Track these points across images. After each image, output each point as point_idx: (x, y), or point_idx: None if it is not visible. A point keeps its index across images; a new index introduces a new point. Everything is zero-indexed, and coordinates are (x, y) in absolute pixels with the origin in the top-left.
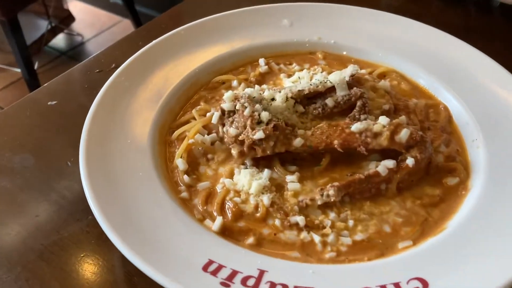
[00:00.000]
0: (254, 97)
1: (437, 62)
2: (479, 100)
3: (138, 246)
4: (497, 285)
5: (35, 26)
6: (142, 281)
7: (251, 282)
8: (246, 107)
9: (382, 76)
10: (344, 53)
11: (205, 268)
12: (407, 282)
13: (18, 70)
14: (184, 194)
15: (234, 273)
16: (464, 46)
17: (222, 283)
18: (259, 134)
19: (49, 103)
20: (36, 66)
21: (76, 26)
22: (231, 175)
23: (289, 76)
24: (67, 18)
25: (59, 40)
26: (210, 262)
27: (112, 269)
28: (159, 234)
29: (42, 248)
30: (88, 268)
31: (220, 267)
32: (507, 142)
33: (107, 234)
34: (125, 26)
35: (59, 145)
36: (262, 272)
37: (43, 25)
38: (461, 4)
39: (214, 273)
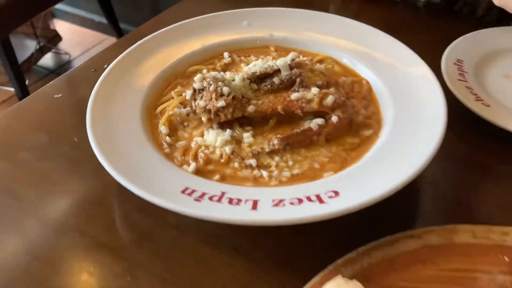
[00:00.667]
0: (218, 78)
1: (362, 49)
2: (391, 74)
3: (133, 180)
4: (387, 188)
5: (24, 47)
6: (139, 216)
7: (215, 198)
8: (211, 85)
9: (320, 61)
10: (292, 46)
11: (183, 192)
12: (325, 193)
13: (8, 88)
14: (167, 150)
15: (203, 194)
16: (382, 34)
17: (195, 200)
18: (221, 103)
19: (55, 96)
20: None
21: (63, 45)
22: (202, 136)
23: (248, 65)
24: (55, 38)
25: (47, 59)
26: (186, 188)
27: (113, 209)
28: (149, 173)
29: (57, 197)
30: (94, 210)
31: (193, 191)
32: (409, 103)
33: (109, 171)
34: (111, 43)
35: (66, 127)
36: (223, 193)
37: (32, 45)
38: (391, 5)
39: (189, 194)
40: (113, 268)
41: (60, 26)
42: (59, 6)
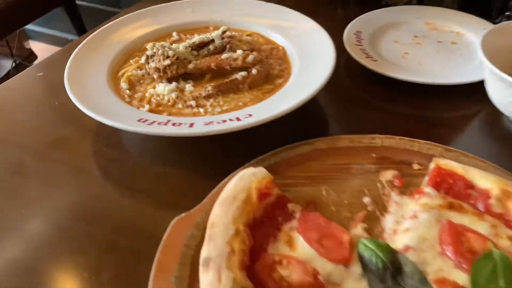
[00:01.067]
0: (165, 45)
1: (280, 23)
2: (299, 41)
3: (102, 115)
4: (284, 109)
5: (1, 66)
6: (108, 150)
7: (162, 123)
8: (159, 49)
9: (249, 35)
10: (227, 25)
11: (138, 121)
12: (242, 116)
13: None
14: (127, 99)
15: (153, 122)
16: (295, 13)
17: (147, 124)
18: (167, 62)
19: (38, 74)
20: None
21: (38, 63)
22: (154, 88)
23: None
24: (30, 56)
25: None
26: (141, 119)
27: (88, 146)
28: (113, 112)
29: (44, 140)
30: (74, 147)
31: (146, 120)
32: (311, 58)
33: (85, 111)
34: None
35: (48, 95)
36: (168, 120)
37: (8, 64)
38: None
39: (143, 122)
40: (88, 183)
41: (35, 46)
42: (33, 27)
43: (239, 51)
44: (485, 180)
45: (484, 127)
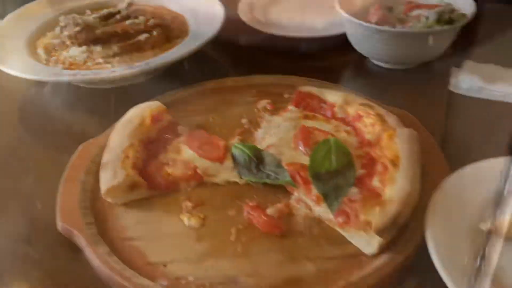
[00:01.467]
0: (76, 16)
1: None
2: (196, 9)
3: (26, 73)
4: (176, 56)
5: None
6: (32, 107)
7: (72, 75)
8: (71, 19)
9: (154, 9)
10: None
11: (53, 75)
12: (141, 65)
13: None
14: (44, 62)
15: (65, 74)
16: None
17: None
18: (77, 29)
19: None
20: None
21: None
22: (67, 52)
23: None
24: None
25: None
26: (56, 73)
27: (14, 107)
28: (34, 70)
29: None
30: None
31: (59, 73)
32: (205, 21)
33: (8, 72)
34: None
35: None
36: (78, 73)
37: None
38: None
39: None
40: (13, 133)
41: None
42: None
43: (141, 18)
44: (333, 96)
45: (353, 67)
